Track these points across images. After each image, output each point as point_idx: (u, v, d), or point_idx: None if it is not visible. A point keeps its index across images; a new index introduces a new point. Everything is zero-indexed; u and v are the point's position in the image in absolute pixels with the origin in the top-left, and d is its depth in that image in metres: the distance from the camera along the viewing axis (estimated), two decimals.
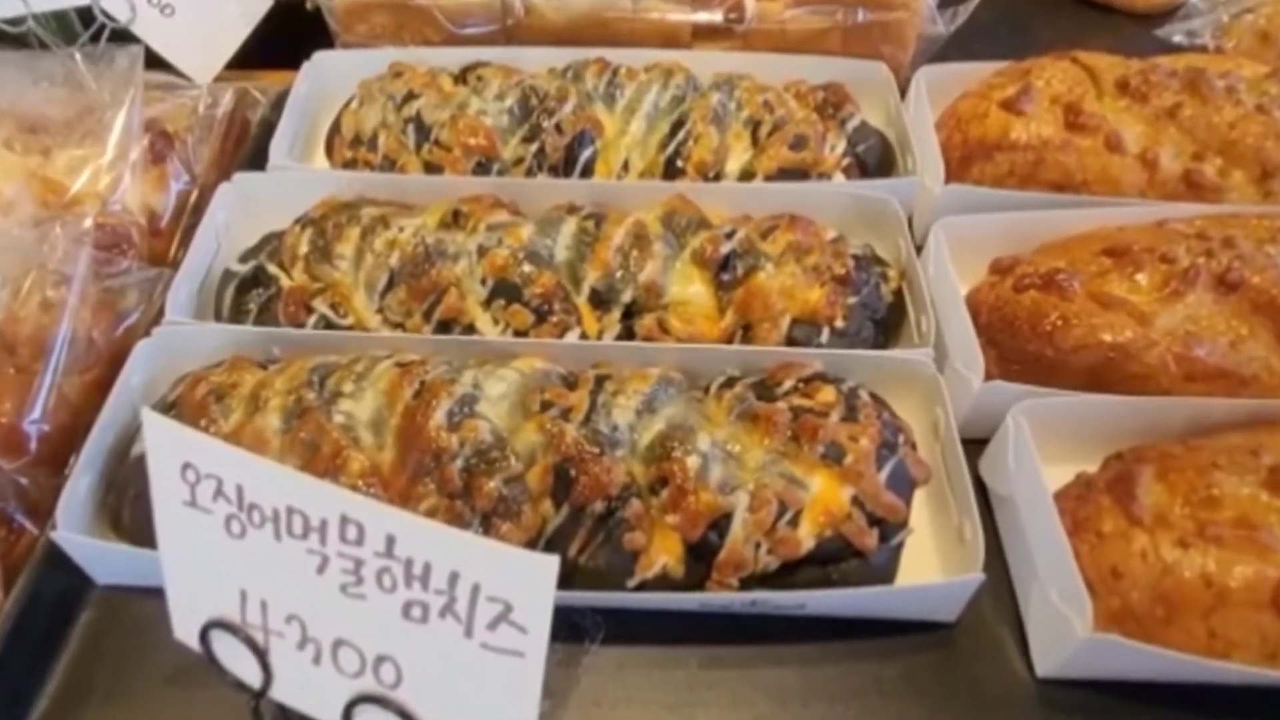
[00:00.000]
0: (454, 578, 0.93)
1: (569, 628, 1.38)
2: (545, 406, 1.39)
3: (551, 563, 0.89)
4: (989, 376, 1.58)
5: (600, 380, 1.35)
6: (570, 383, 1.37)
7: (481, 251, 1.52)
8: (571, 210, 1.58)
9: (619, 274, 1.53)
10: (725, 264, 1.56)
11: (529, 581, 0.92)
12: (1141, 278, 1.50)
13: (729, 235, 1.56)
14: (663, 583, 1.24)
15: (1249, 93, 1.72)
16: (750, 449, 1.32)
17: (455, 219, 1.56)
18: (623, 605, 1.34)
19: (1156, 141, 1.74)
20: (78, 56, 1.76)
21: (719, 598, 1.26)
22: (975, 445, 1.40)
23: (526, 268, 1.52)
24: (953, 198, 1.82)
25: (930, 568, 1.33)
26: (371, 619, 0.99)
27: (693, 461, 1.28)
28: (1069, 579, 1.28)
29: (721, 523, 1.26)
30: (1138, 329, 1.45)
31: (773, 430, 1.38)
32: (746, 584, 1.23)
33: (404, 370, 1.41)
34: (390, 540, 0.94)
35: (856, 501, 1.27)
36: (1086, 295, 1.48)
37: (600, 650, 1.38)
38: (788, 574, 1.26)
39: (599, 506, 1.26)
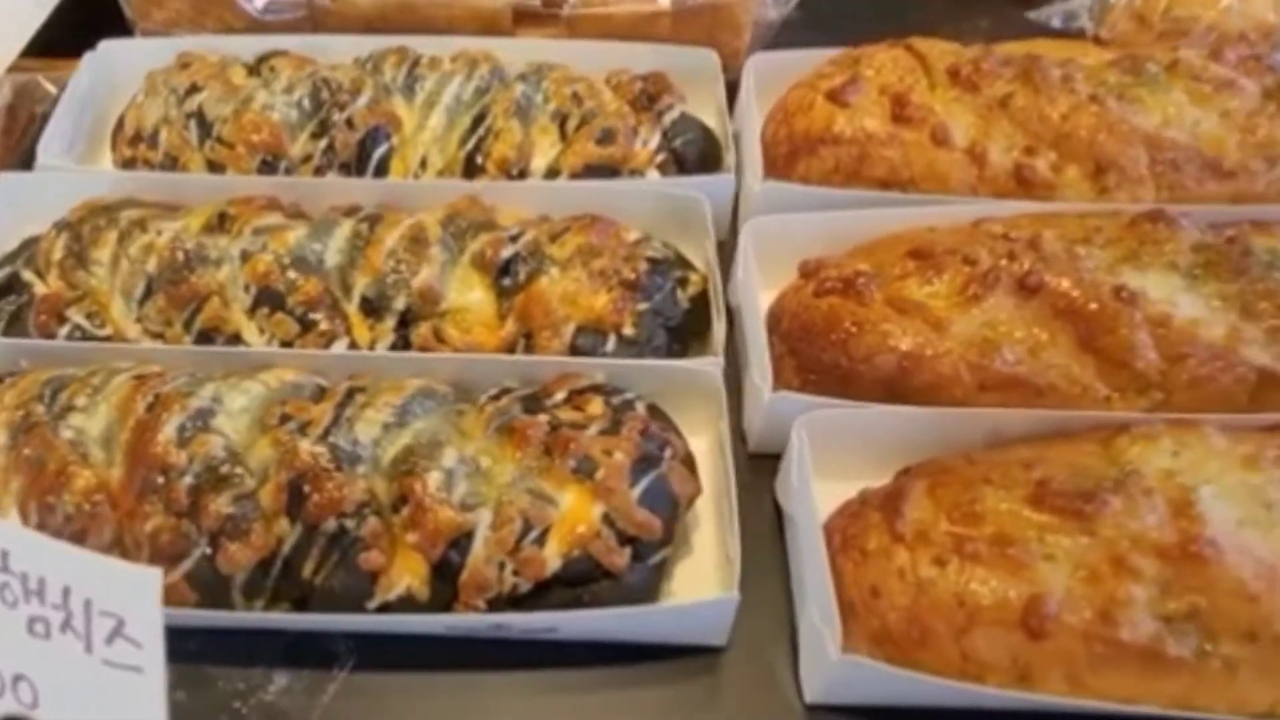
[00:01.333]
0: (67, 592, 0.99)
1: (320, 654, 1.46)
2: (284, 420, 1.45)
3: (154, 576, 0.96)
4: (791, 387, 1.65)
5: (351, 393, 1.40)
6: (320, 396, 1.40)
7: (245, 257, 1.55)
8: (350, 212, 1.62)
9: (391, 280, 1.56)
10: (507, 269, 1.60)
11: (135, 595, 0.98)
12: (941, 281, 1.53)
13: (514, 238, 1.61)
14: (408, 605, 1.29)
15: (1086, 82, 1.76)
16: (501, 464, 1.38)
17: (221, 222, 1.59)
18: (362, 629, 1.42)
19: (986, 135, 1.77)
20: None
21: (464, 620, 1.30)
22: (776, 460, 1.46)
23: (291, 274, 1.54)
24: (772, 196, 1.89)
25: (714, 590, 1.37)
26: (3, 637, 1.04)
27: (434, 477, 1.33)
28: (825, 599, 1.27)
29: (463, 541, 1.31)
30: (931, 336, 1.48)
31: (525, 444, 1.43)
32: (496, 606, 1.28)
33: (139, 383, 1.47)
34: (5, 555, 1.00)
35: (608, 519, 1.32)
36: (884, 301, 1.51)
37: (353, 677, 1.45)
38: (540, 596, 1.30)
39: (333, 525, 1.29)
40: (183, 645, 1.29)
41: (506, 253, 1.62)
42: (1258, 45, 2.02)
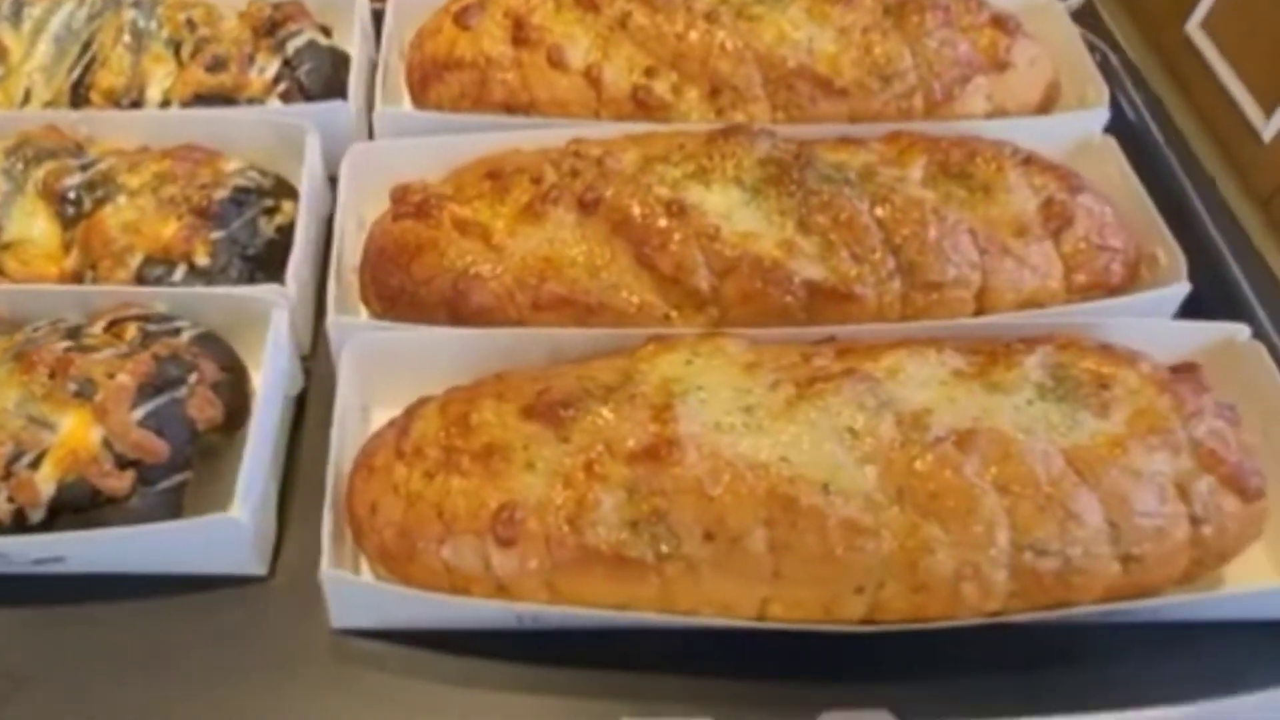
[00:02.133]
0: None
1: None
2: None
3: None
4: (376, 315, 1.72)
5: None
6: None
7: None
8: None
9: None
10: (73, 198, 1.66)
11: None
12: (508, 201, 1.57)
13: (85, 167, 1.75)
14: None
15: (704, 0, 1.74)
16: (4, 390, 1.47)
17: None
18: None
19: (605, 56, 1.80)
20: None
21: None
22: None
23: None
24: (390, 122, 1.96)
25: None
26: None
27: None
28: (328, 518, 1.41)
29: None
30: (487, 256, 1.53)
31: (31, 370, 1.47)
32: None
33: None
34: None
35: (107, 442, 1.33)
36: (451, 222, 1.55)
37: None
38: (50, 526, 1.33)
39: None
40: None
41: (72, 181, 1.63)
42: None
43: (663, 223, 1.53)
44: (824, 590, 1.29)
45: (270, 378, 1.47)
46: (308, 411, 1.58)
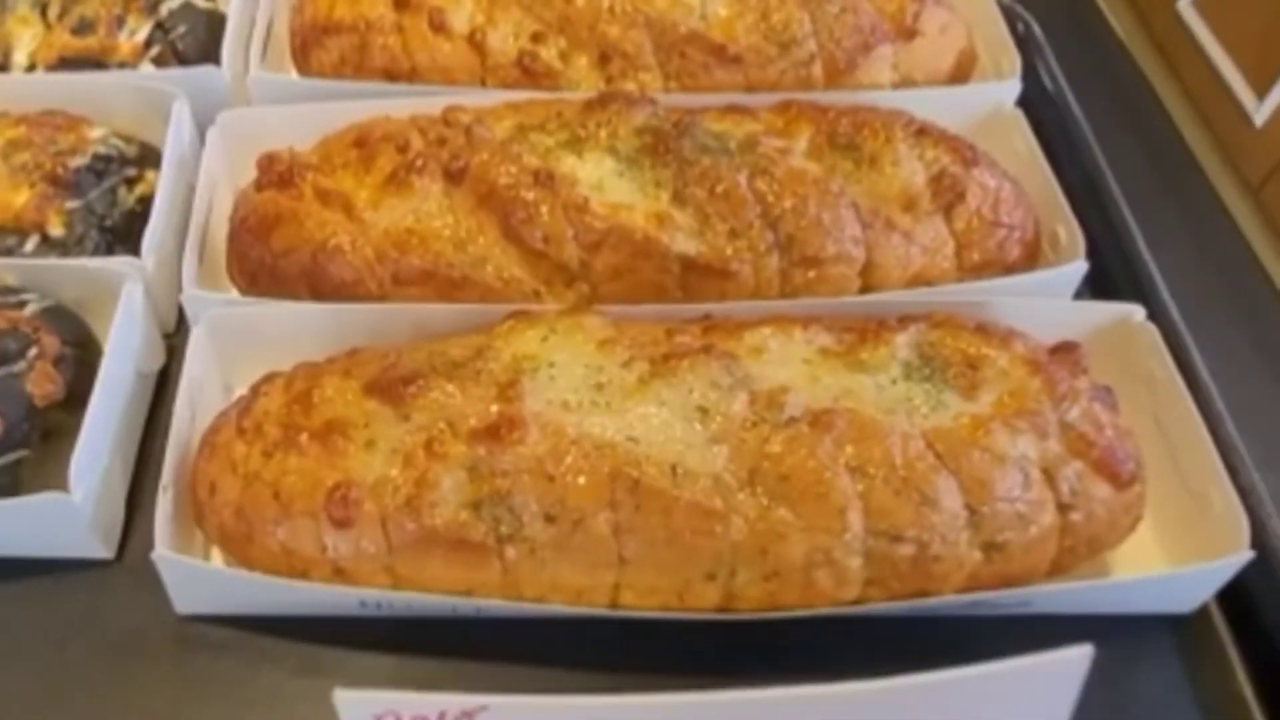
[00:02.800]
0: None
1: None
2: None
3: None
4: (242, 291, 1.75)
5: None
6: None
7: None
8: None
9: None
10: None
11: None
12: (372, 170, 1.59)
13: None
14: None
15: None
16: None
17: None
18: None
19: (491, 21, 1.82)
20: None
21: None
22: None
23: None
24: (264, 89, 1.97)
25: None
26: None
27: None
28: (164, 497, 1.44)
29: None
30: (347, 227, 1.54)
31: None
32: None
33: None
34: None
35: None
36: (313, 192, 1.56)
37: None
38: None
39: None
40: None
41: None
42: None
43: (530, 194, 1.53)
44: (674, 577, 1.31)
45: (117, 353, 1.47)
46: (168, 388, 1.58)
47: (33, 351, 1.48)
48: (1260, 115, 2.25)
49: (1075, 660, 0.96)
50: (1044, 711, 0.99)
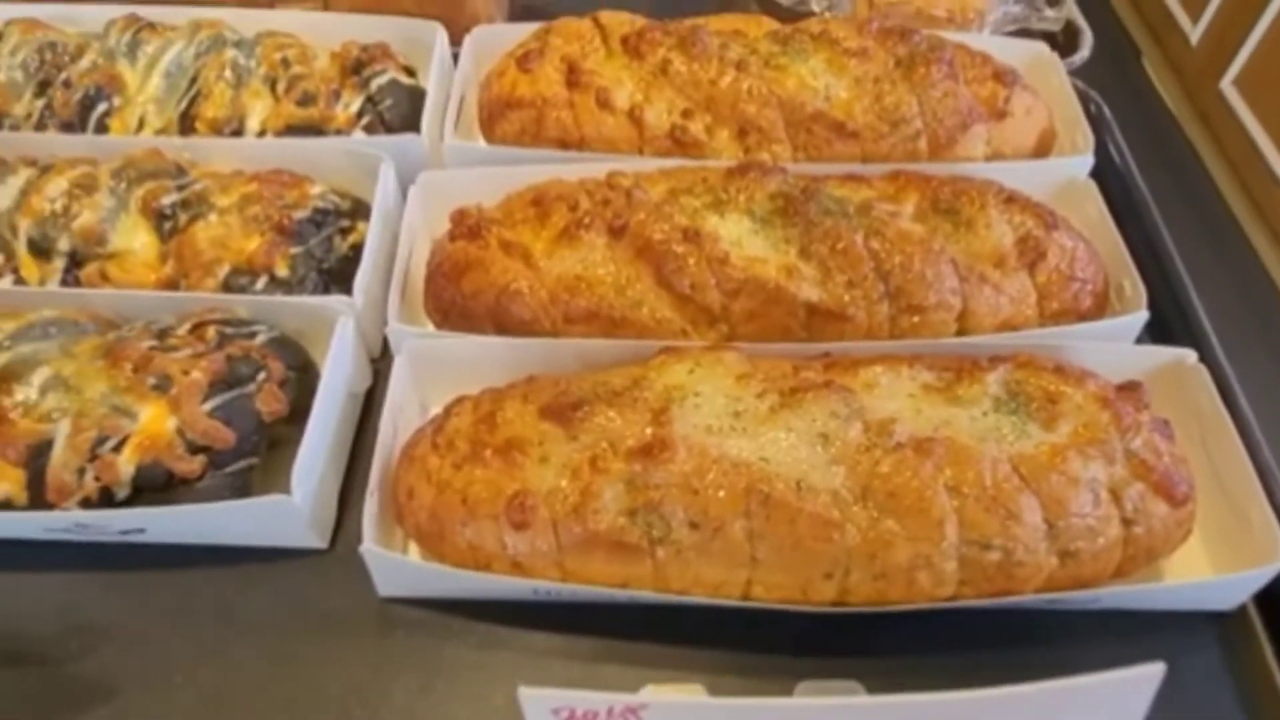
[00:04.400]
0: None
1: None
2: None
3: None
4: (437, 325, 1.81)
5: None
6: None
7: None
8: (33, 162, 1.70)
9: (53, 223, 1.67)
10: (170, 214, 1.72)
11: None
12: (548, 225, 1.63)
13: (181, 187, 1.84)
14: (8, 509, 1.40)
15: (738, 51, 1.84)
16: (95, 382, 1.47)
17: None
18: None
19: (648, 99, 1.86)
20: None
21: (50, 519, 1.42)
22: None
23: None
24: (456, 155, 2.03)
25: None
26: None
27: (20, 392, 1.44)
28: (371, 501, 1.42)
29: (45, 449, 1.40)
30: (526, 274, 1.59)
31: (117, 365, 1.56)
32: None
33: None
34: None
35: (180, 430, 1.43)
36: (498, 244, 1.61)
37: None
38: (132, 504, 1.42)
39: None
40: None
41: (169, 200, 1.71)
42: (913, 18, 2.15)
43: (679, 248, 1.58)
44: (798, 575, 1.34)
45: (332, 376, 1.53)
46: (374, 405, 1.65)
47: (262, 375, 1.52)
48: None
49: (1149, 676, 0.98)
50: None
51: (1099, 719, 1.00)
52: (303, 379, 1.56)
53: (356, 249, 1.73)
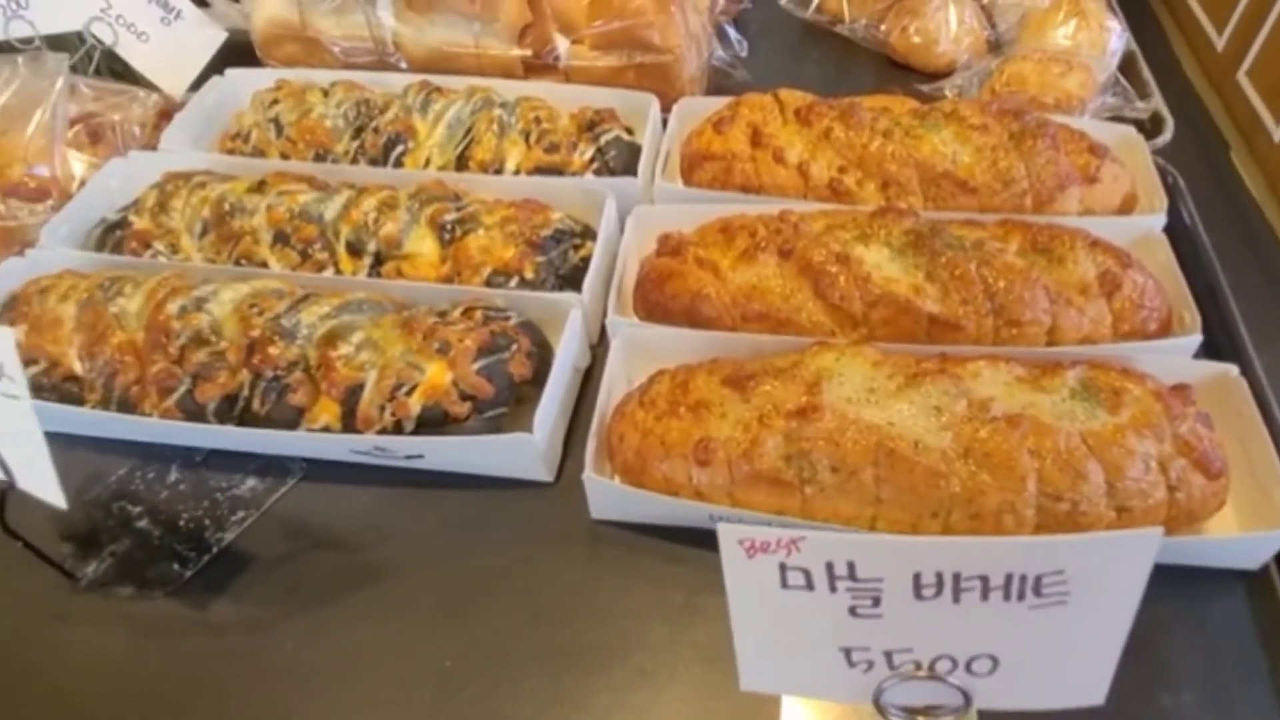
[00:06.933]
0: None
1: (280, 468, 1.77)
2: (253, 307, 1.74)
3: (8, 334, 1.28)
4: (642, 319, 1.89)
5: (306, 296, 1.76)
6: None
7: (269, 209, 1.77)
8: (353, 186, 1.80)
9: (365, 230, 1.77)
10: (449, 228, 1.95)
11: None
12: (732, 247, 1.67)
13: (459, 209, 1.95)
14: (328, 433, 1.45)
15: (884, 122, 1.86)
16: (394, 344, 1.68)
17: (259, 187, 1.77)
18: (288, 451, 1.74)
19: (813, 157, 2.08)
20: (19, 60, 1.94)
21: (357, 440, 1.51)
22: None
23: (296, 222, 1.77)
24: (663, 193, 2.13)
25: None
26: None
27: (343, 348, 1.54)
28: (591, 440, 1.62)
29: (357, 391, 1.51)
30: (714, 282, 1.63)
31: (411, 333, 1.70)
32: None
33: (162, 280, 1.76)
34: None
35: (455, 382, 1.51)
36: (693, 260, 1.66)
37: (300, 484, 1.77)
38: (416, 435, 1.47)
39: (270, 374, 1.52)
40: (190, 456, 1.63)
41: (449, 217, 1.76)
42: (1027, 103, 2.26)
43: (833, 269, 1.62)
44: (911, 514, 1.38)
45: (563, 353, 1.59)
46: (592, 379, 1.72)
47: (514, 346, 1.57)
48: None
49: (1148, 538, 1.00)
50: (1128, 577, 1.01)
51: (1108, 575, 1.00)
52: (542, 354, 1.59)
53: (585, 260, 1.76)
